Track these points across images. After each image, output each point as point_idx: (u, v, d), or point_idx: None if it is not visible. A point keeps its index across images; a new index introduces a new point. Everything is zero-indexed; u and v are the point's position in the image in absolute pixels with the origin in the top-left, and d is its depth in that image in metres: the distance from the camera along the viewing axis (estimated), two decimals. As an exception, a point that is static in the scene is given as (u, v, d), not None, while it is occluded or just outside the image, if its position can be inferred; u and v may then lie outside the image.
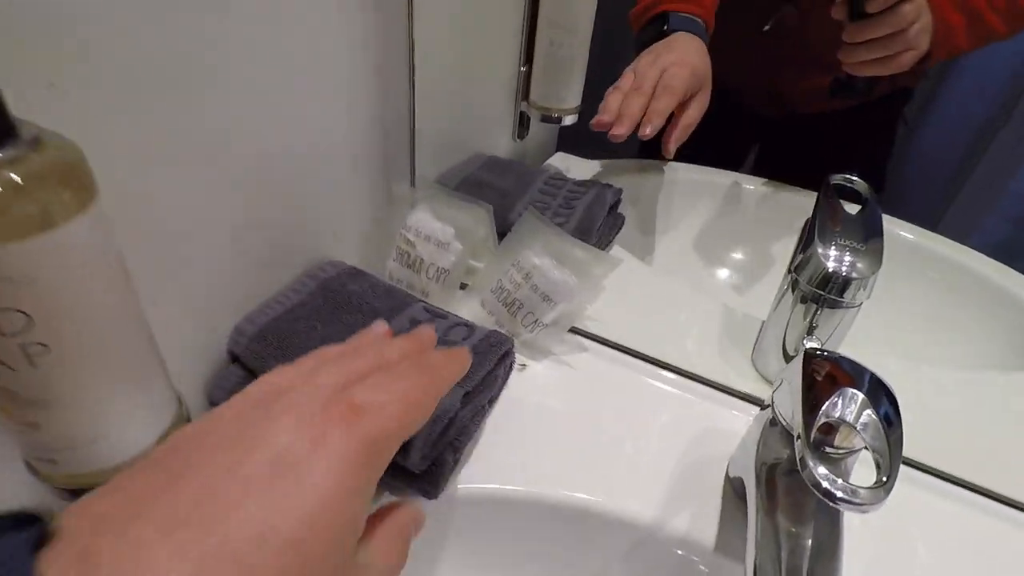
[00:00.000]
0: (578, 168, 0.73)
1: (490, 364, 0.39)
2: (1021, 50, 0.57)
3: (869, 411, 0.30)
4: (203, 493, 0.18)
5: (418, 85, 0.51)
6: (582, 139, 0.72)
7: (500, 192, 0.59)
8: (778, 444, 0.34)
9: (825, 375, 0.32)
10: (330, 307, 0.44)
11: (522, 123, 0.72)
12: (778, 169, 0.71)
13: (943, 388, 0.52)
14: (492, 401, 0.43)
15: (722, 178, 0.72)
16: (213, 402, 0.42)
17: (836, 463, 0.32)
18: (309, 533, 0.18)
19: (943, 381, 0.53)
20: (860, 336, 0.46)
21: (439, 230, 0.50)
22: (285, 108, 0.40)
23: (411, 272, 0.52)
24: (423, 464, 0.36)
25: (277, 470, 0.18)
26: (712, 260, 0.71)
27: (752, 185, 0.71)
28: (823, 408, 0.30)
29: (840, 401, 0.30)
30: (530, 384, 0.47)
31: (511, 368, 0.46)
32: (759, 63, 0.71)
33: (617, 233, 0.62)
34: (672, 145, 0.58)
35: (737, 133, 0.79)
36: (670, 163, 0.76)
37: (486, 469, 0.40)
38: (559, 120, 0.68)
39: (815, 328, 0.45)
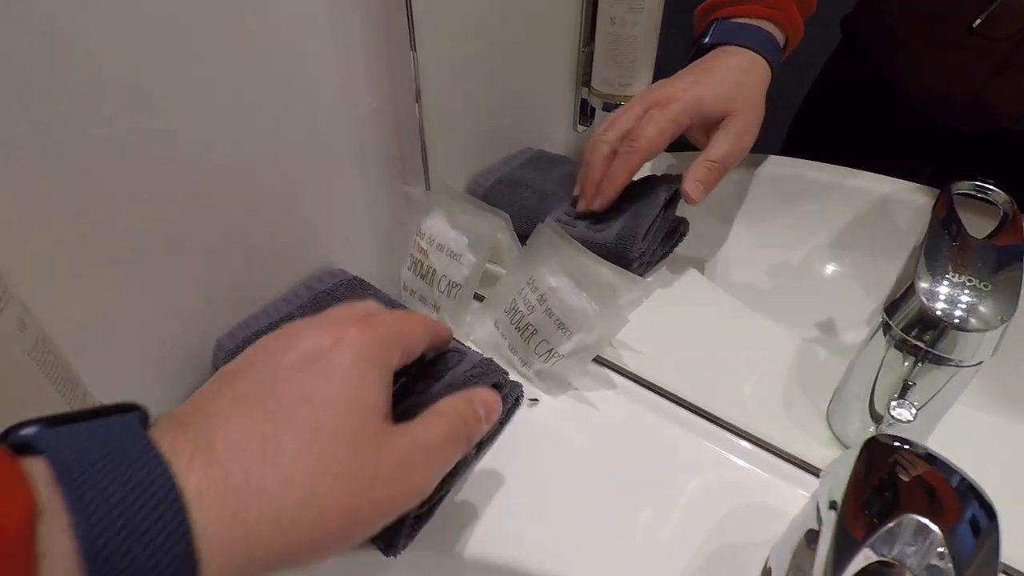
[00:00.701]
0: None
1: None
2: None
3: (943, 551, 0.20)
4: (254, 383, 0.23)
5: (446, 73, 0.45)
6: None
7: (539, 193, 0.52)
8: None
9: (892, 482, 0.22)
10: None
11: (584, 111, 0.64)
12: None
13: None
14: (483, 445, 0.37)
15: (839, 177, 0.58)
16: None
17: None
18: (339, 394, 0.23)
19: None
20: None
21: (453, 239, 0.44)
22: (273, 102, 0.37)
23: (424, 283, 0.46)
24: None
25: (306, 362, 0.24)
26: (804, 281, 0.59)
27: (883, 188, 0.56)
28: (872, 539, 0.21)
29: (900, 531, 0.21)
30: (538, 423, 0.40)
31: (516, 404, 0.40)
32: (964, 68, 0.57)
33: (679, 242, 0.53)
34: (689, 188, 0.44)
35: (917, 150, 0.64)
36: (769, 156, 0.64)
37: (457, 527, 0.34)
38: (624, 109, 0.59)
39: (910, 387, 0.34)
